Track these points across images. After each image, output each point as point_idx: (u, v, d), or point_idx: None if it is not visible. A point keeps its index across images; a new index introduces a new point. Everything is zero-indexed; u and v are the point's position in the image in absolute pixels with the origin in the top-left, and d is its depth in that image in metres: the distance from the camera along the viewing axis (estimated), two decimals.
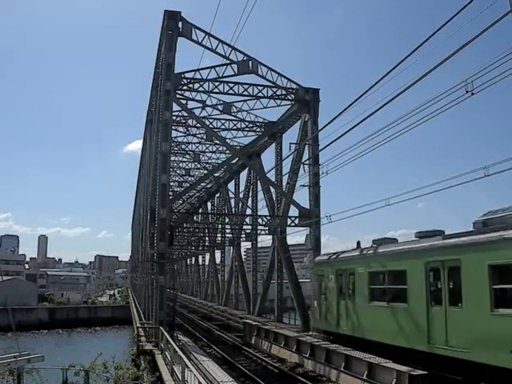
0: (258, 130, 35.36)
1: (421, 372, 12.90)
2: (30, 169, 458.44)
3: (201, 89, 28.24)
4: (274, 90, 29.10)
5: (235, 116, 34.32)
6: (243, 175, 45.03)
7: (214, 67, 27.48)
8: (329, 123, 18.69)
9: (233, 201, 48.92)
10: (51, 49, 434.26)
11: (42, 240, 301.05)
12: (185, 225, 43.90)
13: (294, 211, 30.10)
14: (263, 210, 37.03)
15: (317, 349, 18.43)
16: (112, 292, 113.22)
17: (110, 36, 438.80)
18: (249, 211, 40.92)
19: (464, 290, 13.01)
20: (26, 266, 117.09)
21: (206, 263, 67.68)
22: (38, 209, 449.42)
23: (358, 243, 20.47)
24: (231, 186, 49.37)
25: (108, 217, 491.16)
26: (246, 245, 45.52)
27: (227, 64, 27.19)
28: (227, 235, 47.15)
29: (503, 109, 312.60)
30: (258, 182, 38.21)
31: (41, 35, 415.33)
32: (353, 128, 15.75)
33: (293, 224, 29.65)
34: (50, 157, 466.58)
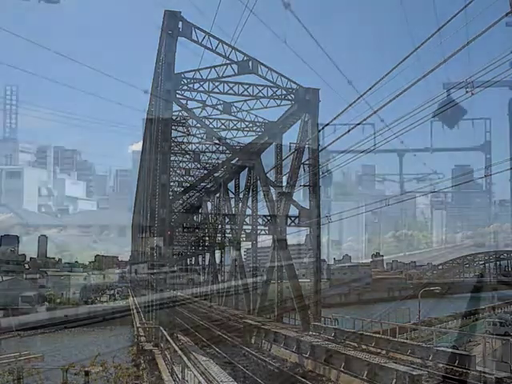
0: (258, 129, 35.31)
1: (420, 372, 12.92)
2: None
3: (201, 89, 28.22)
4: (274, 89, 29.04)
5: (235, 116, 34.27)
6: (243, 175, 44.99)
7: (214, 67, 27.45)
8: (329, 123, 18.74)
9: (233, 201, 48.88)
10: (51, 48, 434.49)
11: (42, 240, 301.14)
12: (185, 225, 43.90)
13: (294, 211, 30.14)
14: (263, 210, 37.02)
15: (317, 349, 18.40)
16: (112, 292, 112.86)
17: (110, 36, 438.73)
18: (249, 211, 40.89)
19: None
20: (26, 266, 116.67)
21: (206, 263, 67.62)
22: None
23: None
24: (231, 185, 49.33)
25: None
26: (245, 245, 45.49)
27: (227, 64, 27.16)
28: (227, 235, 47.11)
29: (503, 109, 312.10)
30: (258, 181, 38.17)
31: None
32: (353, 128, 15.79)
33: (293, 224, 29.63)
34: None
